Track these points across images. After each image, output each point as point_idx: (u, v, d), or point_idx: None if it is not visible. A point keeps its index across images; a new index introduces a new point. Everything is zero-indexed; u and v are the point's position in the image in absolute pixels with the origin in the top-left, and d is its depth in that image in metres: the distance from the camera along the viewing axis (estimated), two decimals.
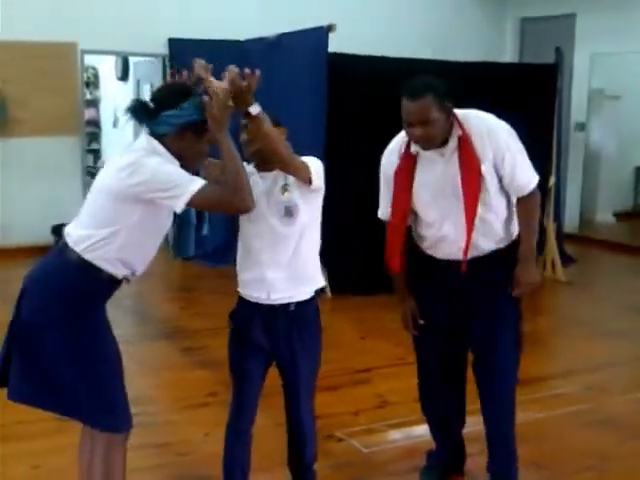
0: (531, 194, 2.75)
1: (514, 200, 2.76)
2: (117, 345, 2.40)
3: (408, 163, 2.71)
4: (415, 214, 2.80)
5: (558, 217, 7.09)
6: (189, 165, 2.31)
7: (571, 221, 8.36)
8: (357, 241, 5.85)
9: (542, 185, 6.92)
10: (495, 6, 9.12)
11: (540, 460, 3.24)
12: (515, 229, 2.80)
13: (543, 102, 6.62)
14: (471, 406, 3.02)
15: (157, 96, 2.32)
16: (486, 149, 2.62)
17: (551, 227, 6.62)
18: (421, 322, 2.84)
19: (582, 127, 8.52)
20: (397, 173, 2.73)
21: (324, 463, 3.05)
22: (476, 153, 2.61)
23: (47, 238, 6.81)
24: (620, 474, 3.17)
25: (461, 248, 2.68)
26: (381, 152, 2.89)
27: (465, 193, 2.63)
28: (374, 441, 3.41)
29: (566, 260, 6.98)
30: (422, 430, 3.21)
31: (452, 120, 2.62)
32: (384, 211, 2.87)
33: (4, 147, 6.87)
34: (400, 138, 2.79)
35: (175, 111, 2.25)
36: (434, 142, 2.61)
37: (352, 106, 5.68)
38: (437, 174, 2.67)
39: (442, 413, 3.01)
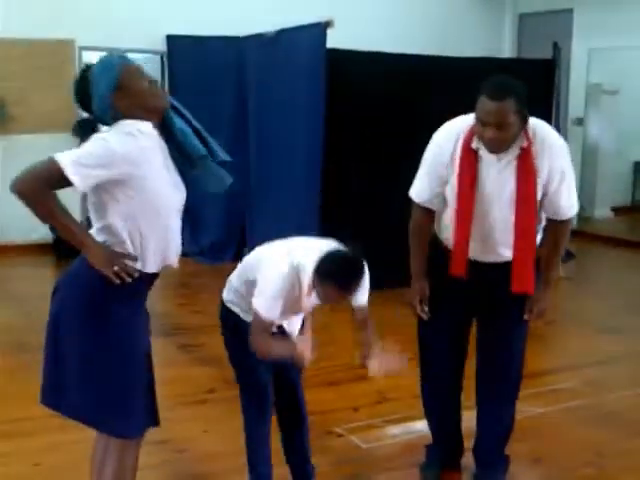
0: (567, 220, 2.73)
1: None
2: (144, 346, 2.31)
3: (472, 159, 2.60)
4: (445, 205, 2.74)
5: None
6: (151, 109, 2.18)
7: None
8: (358, 236, 5.83)
9: None
10: (493, 2, 9.10)
11: (539, 455, 3.25)
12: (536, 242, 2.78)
13: (541, 97, 6.60)
14: (469, 402, 3.03)
15: (80, 104, 2.23)
16: (544, 164, 2.58)
17: None
18: (425, 308, 2.82)
19: (580, 122, 8.51)
20: (461, 168, 2.61)
21: (323, 459, 3.05)
22: (535, 166, 2.57)
23: (45, 236, 6.79)
24: (619, 470, 3.16)
25: (487, 252, 2.68)
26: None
27: (520, 205, 2.58)
28: (373, 437, 3.40)
29: (564, 256, 6.96)
30: (421, 425, 3.21)
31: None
32: (421, 194, 2.75)
33: (2, 144, 6.85)
34: (458, 127, 2.66)
35: (95, 100, 2.17)
36: (503, 147, 2.54)
37: (350, 102, 5.67)
38: (491, 176, 2.61)
39: (444, 410, 3.02)
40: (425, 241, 2.79)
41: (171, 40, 7.33)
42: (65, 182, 2.06)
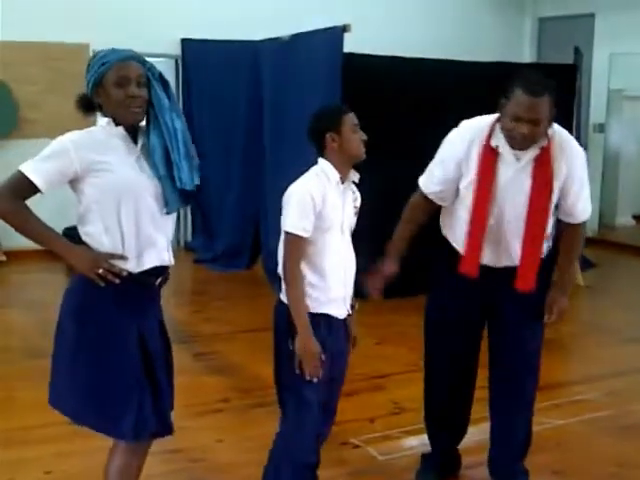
0: (581, 223, 2.75)
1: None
2: (135, 349, 2.25)
3: (492, 158, 2.60)
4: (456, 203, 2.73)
5: None
6: (118, 119, 2.21)
7: (590, 224, 8.23)
8: (372, 244, 5.78)
9: None
10: (513, 6, 9.03)
11: (561, 467, 3.19)
12: (547, 246, 2.76)
13: (562, 103, 6.45)
14: (475, 415, 3.01)
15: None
16: (562, 167, 2.59)
17: None
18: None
19: (601, 128, 8.41)
20: (481, 167, 2.61)
21: (339, 470, 3.02)
22: (552, 168, 2.57)
23: None
24: None
25: (500, 255, 2.67)
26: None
27: (533, 205, 2.58)
28: (390, 448, 3.35)
29: (585, 264, 6.87)
30: None
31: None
32: (428, 185, 2.76)
33: (16, 148, 6.85)
34: (475, 127, 2.67)
35: (85, 82, 2.24)
36: (534, 143, 2.55)
37: (367, 107, 5.57)
38: (508, 176, 2.60)
39: (447, 419, 2.99)
40: (413, 224, 2.84)
41: (186, 44, 7.34)
42: (31, 187, 2.18)
